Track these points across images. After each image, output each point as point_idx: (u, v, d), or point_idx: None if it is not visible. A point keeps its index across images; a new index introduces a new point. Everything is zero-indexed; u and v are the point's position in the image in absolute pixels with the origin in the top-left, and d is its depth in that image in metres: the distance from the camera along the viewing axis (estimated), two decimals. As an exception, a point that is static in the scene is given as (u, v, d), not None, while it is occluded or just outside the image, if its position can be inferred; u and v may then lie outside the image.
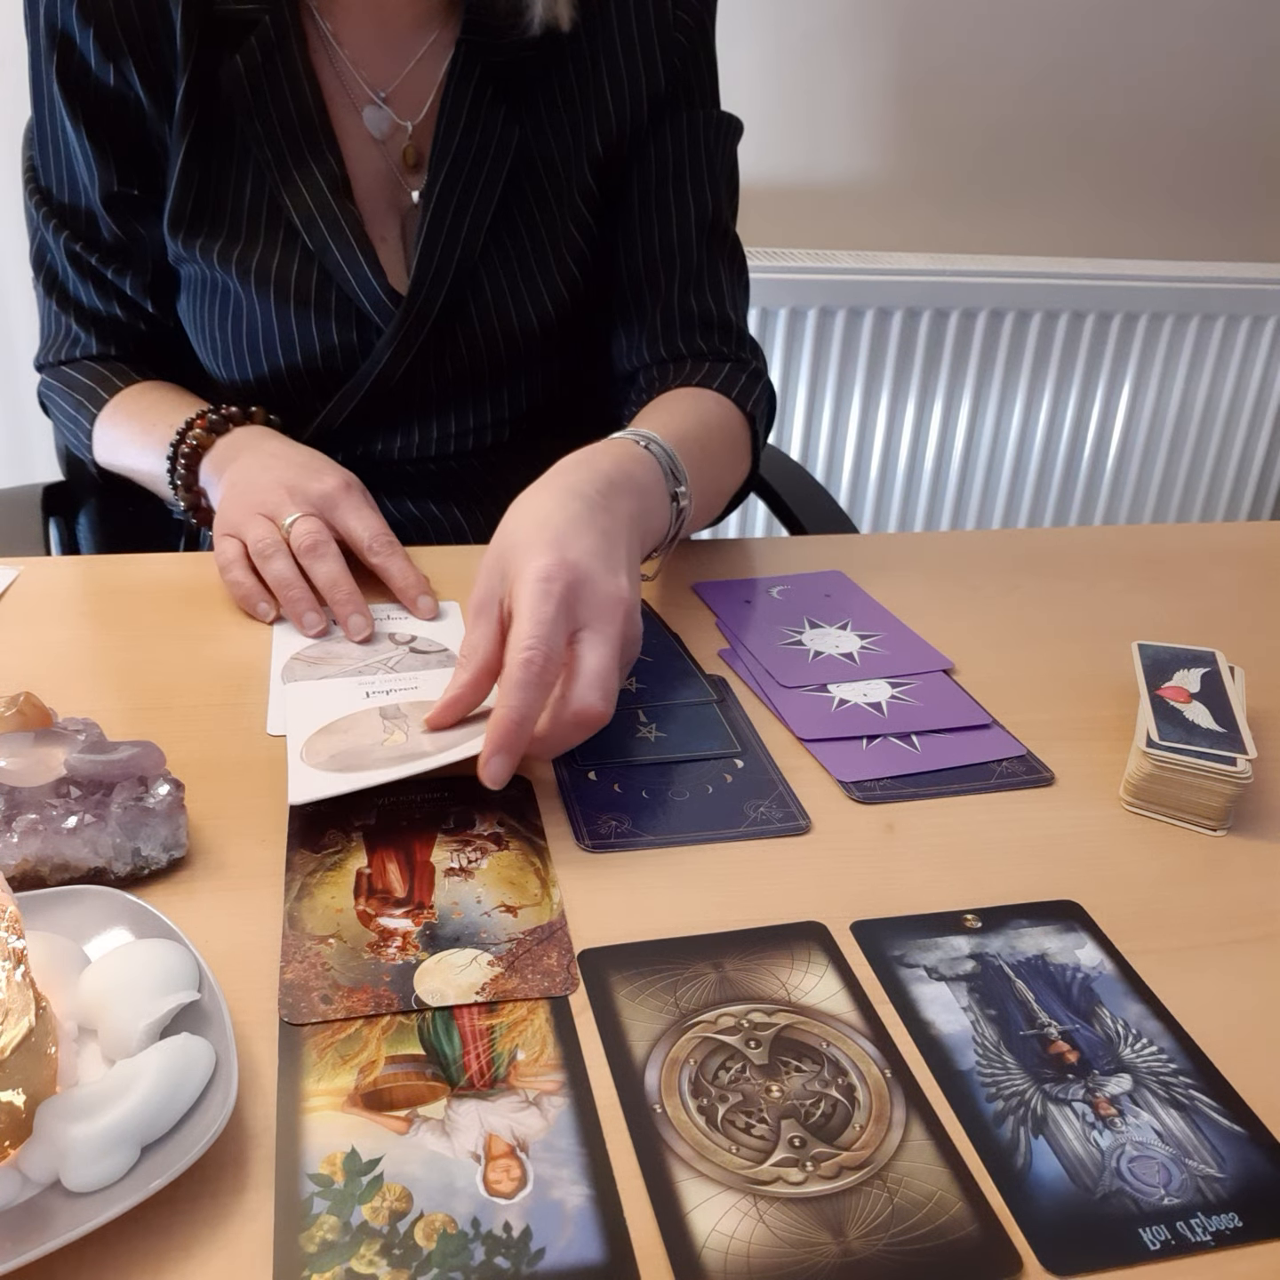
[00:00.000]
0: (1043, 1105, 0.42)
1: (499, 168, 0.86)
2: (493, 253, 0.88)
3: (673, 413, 0.82)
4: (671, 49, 0.88)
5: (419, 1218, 0.37)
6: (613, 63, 0.87)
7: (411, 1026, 0.44)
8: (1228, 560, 0.89)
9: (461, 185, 0.85)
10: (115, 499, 0.98)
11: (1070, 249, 1.89)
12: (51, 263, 0.91)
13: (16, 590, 0.76)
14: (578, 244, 0.91)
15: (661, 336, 0.91)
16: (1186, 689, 0.63)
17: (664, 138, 0.90)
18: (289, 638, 0.71)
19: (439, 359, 0.89)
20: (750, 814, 0.57)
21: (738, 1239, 0.37)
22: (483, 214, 0.86)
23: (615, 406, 0.97)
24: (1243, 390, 1.95)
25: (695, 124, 0.90)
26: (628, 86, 0.88)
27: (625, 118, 0.88)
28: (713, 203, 0.91)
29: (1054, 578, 0.84)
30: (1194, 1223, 0.38)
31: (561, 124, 0.88)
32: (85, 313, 0.92)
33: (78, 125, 0.83)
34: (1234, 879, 0.55)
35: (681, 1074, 0.43)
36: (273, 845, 0.53)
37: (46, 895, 0.47)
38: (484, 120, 0.85)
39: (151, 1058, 0.38)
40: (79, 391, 0.91)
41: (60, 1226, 0.35)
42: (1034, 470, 1.95)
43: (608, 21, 0.87)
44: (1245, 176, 1.89)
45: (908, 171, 1.80)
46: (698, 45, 0.90)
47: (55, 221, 0.89)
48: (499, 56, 0.84)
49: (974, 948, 0.49)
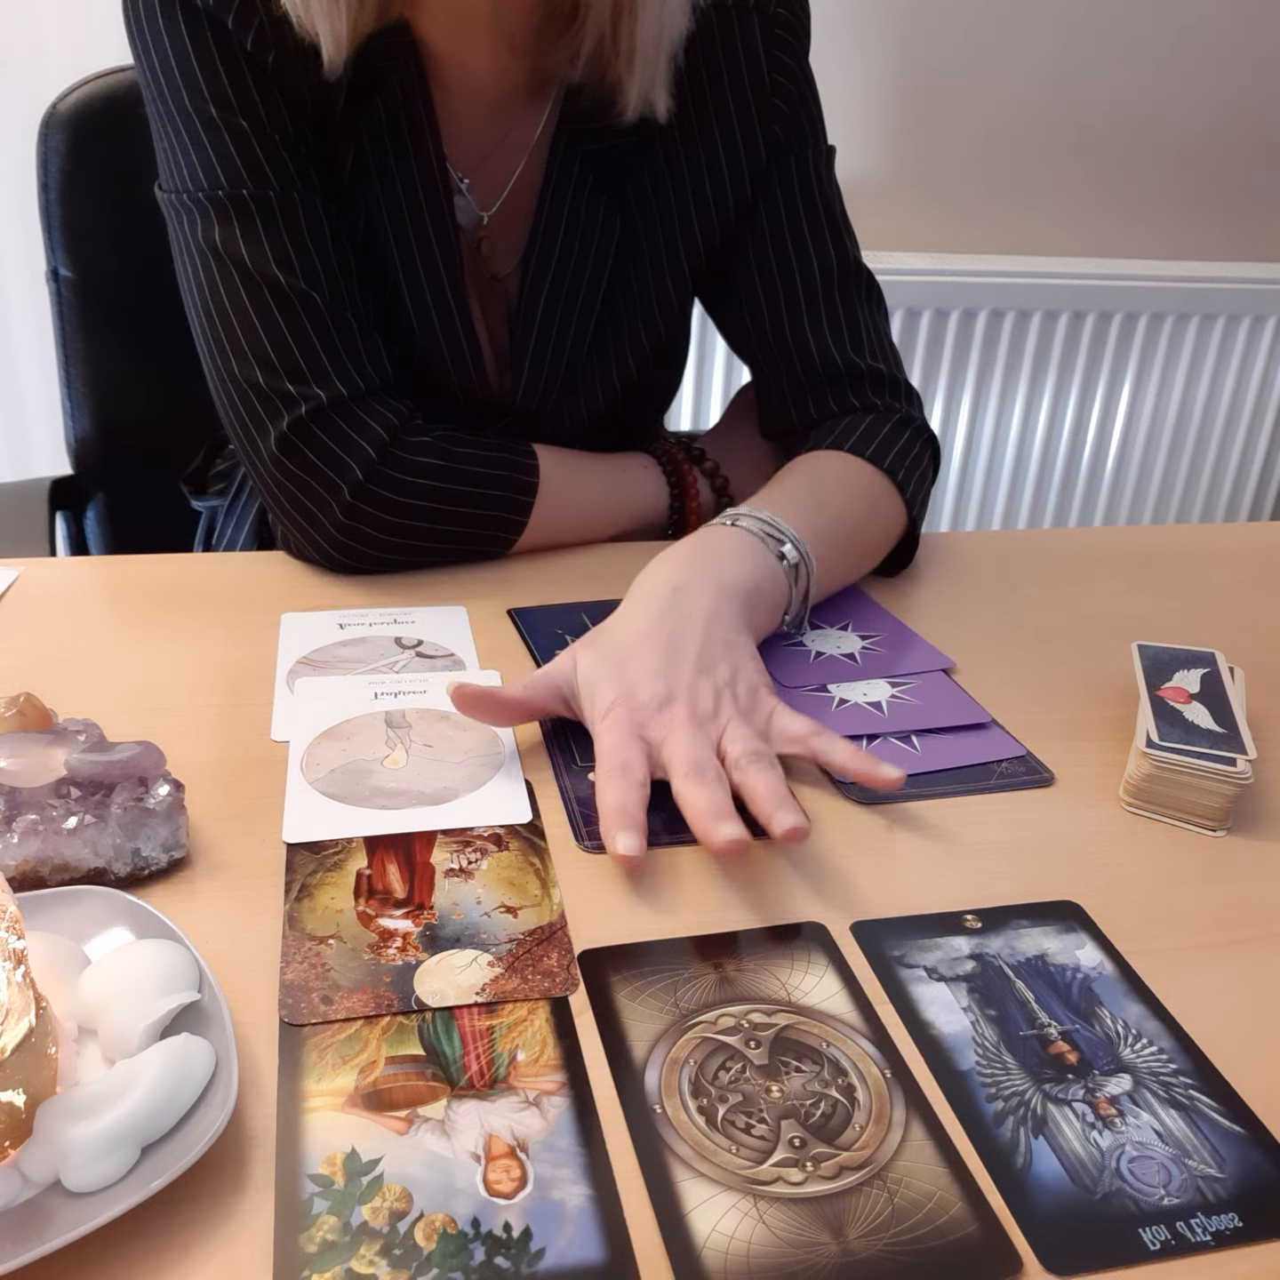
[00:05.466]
0: (1043, 1105, 0.42)
1: (602, 263, 0.83)
2: (594, 350, 0.87)
3: (777, 480, 0.79)
4: (772, 117, 0.83)
5: (419, 1218, 0.37)
6: (710, 143, 0.83)
7: (411, 1027, 0.44)
8: (1228, 560, 0.88)
9: (567, 287, 0.83)
10: (124, 493, 0.98)
11: (1070, 249, 1.89)
12: None
13: (17, 591, 0.76)
14: (658, 330, 0.88)
15: (808, 398, 0.87)
16: (1186, 689, 0.63)
17: (774, 195, 0.85)
18: (294, 640, 0.71)
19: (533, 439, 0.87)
20: (748, 814, 0.57)
21: (738, 1239, 0.37)
22: (588, 318, 0.84)
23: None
24: (1243, 390, 1.95)
25: (805, 168, 0.85)
26: (727, 166, 0.83)
27: (727, 196, 0.84)
28: (834, 245, 0.86)
29: (1054, 578, 0.84)
30: (1194, 1223, 0.38)
31: (660, 210, 0.84)
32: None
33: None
34: (1234, 879, 0.55)
35: (681, 1074, 0.43)
36: (273, 845, 0.53)
37: (47, 895, 0.47)
38: (585, 215, 0.82)
39: (151, 1058, 0.38)
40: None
41: (60, 1226, 0.35)
42: (1034, 470, 1.95)
43: (703, 99, 0.82)
44: (1246, 176, 1.89)
45: (908, 171, 1.80)
46: (796, 103, 0.84)
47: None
48: (597, 145, 0.80)
49: (974, 948, 0.49)
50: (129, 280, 1.05)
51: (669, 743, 0.57)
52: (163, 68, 0.74)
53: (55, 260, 1.04)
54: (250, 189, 0.74)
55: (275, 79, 0.74)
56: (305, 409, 0.74)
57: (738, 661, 0.62)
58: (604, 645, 0.62)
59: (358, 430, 0.75)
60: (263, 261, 0.74)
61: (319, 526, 0.76)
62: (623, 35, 0.74)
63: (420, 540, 0.78)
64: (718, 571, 0.66)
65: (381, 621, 0.73)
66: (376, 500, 0.75)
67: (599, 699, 0.59)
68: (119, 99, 1.01)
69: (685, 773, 0.55)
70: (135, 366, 1.09)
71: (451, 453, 0.78)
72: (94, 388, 1.08)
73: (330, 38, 0.70)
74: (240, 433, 0.77)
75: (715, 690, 0.60)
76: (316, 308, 0.75)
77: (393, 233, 0.79)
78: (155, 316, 0.96)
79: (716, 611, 0.64)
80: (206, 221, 0.75)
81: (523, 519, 0.80)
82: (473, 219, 0.83)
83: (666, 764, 0.56)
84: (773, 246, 0.86)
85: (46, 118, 1.00)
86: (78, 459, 1.08)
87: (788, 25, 0.82)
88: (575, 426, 0.88)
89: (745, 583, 0.67)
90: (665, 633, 0.62)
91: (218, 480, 1.02)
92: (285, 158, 0.74)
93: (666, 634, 0.62)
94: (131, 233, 1.01)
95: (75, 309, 1.06)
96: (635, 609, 0.64)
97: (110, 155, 1.01)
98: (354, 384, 0.75)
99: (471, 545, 0.80)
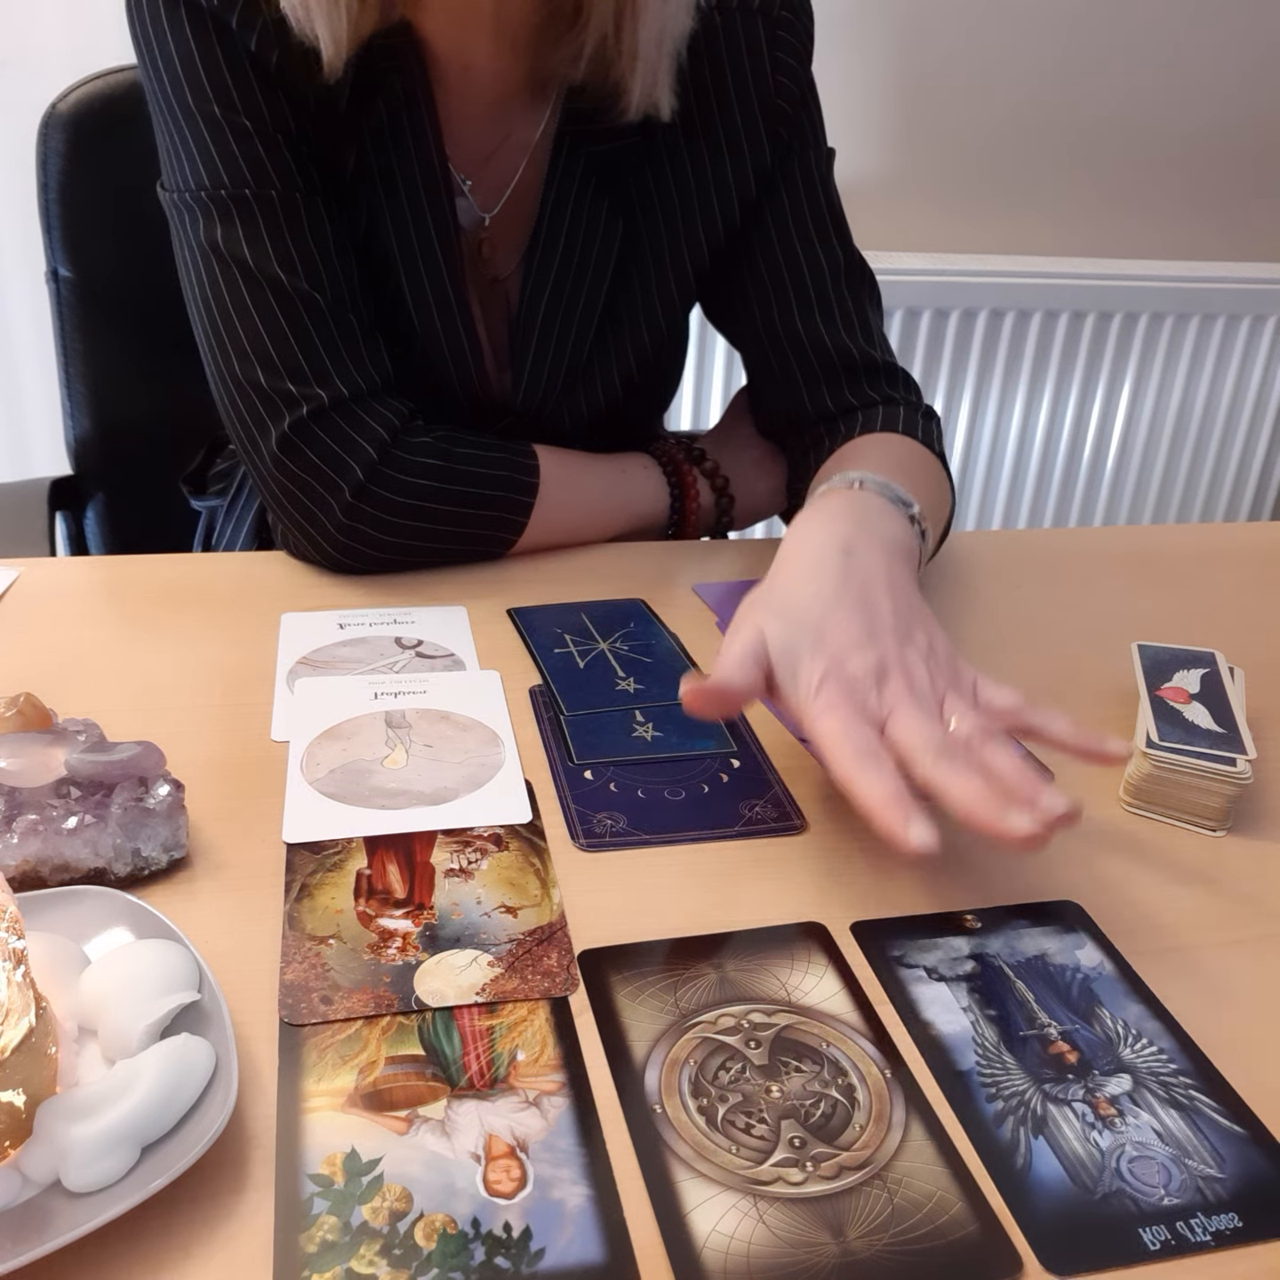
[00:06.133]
0: (1043, 1105, 0.42)
1: (604, 264, 0.83)
2: (594, 351, 0.86)
3: (868, 457, 0.78)
4: (776, 119, 0.83)
5: (419, 1218, 0.37)
6: (714, 144, 0.83)
7: (411, 1027, 0.44)
8: (1228, 560, 0.88)
9: (568, 289, 0.83)
10: (124, 493, 0.98)
11: (1070, 249, 1.88)
12: None
13: (17, 591, 0.76)
14: (660, 330, 0.88)
15: (824, 391, 0.87)
16: (1186, 689, 0.63)
17: (779, 194, 0.85)
18: (295, 640, 0.71)
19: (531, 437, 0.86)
20: (745, 813, 0.57)
21: (738, 1239, 0.37)
22: (589, 319, 0.84)
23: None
24: (1243, 390, 1.95)
25: (808, 168, 0.86)
26: (731, 167, 0.83)
27: (731, 197, 0.84)
28: (839, 242, 0.87)
29: (1054, 578, 0.84)
30: (1194, 1223, 0.38)
31: (664, 211, 0.84)
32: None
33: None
34: (1234, 879, 0.55)
35: (681, 1074, 0.43)
36: (273, 845, 0.53)
37: (47, 895, 0.47)
38: (587, 217, 0.81)
39: (151, 1058, 0.38)
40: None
41: (60, 1226, 0.35)
42: (1034, 470, 1.95)
43: (706, 101, 0.81)
44: (1245, 176, 1.89)
45: (908, 171, 1.80)
46: (799, 104, 0.84)
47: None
48: (600, 146, 0.80)
49: (974, 948, 0.49)
50: (129, 280, 1.05)
51: (898, 723, 0.52)
52: (166, 66, 0.74)
53: (55, 260, 1.04)
54: (252, 188, 0.74)
55: (278, 78, 0.74)
56: (306, 409, 0.74)
57: (929, 629, 0.58)
58: (790, 613, 0.57)
59: (358, 430, 0.75)
60: (264, 261, 0.74)
61: (319, 526, 0.76)
62: (625, 34, 0.73)
63: (420, 540, 0.78)
64: (878, 531, 0.63)
65: (381, 621, 0.73)
66: (377, 500, 0.75)
67: (802, 672, 0.54)
68: (119, 99, 1.01)
69: (934, 759, 0.50)
70: (135, 366, 1.09)
71: (452, 453, 0.78)
72: (94, 388, 1.08)
73: (330, 40, 0.70)
74: (241, 432, 0.77)
75: (922, 661, 0.56)
76: (318, 308, 0.75)
77: (394, 233, 0.79)
78: (155, 316, 0.96)
79: (893, 573, 0.60)
80: (209, 221, 0.75)
81: (523, 519, 0.80)
82: (474, 220, 0.83)
83: (900, 746, 0.51)
84: (780, 244, 0.86)
85: (46, 118, 1.00)
86: (77, 459, 1.08)
87: (791, 27, 0.82)
88: (576, 427, 0.88)
89: (905, 542, 0.65)
90: (854, 597, 0.58)
91: (217, 480, 1.02)
92: (288, 157, 0.74)
93: (855, 598, 0.58)
94: (131, 233, 1.01)
95: (75, 309, 1.06)
96: (808, 571, 0.60)
97: (110, 155, 1.01)
98: (355, 384, 0.75)
99: (472, 545, 0.80)
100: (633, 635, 0.73)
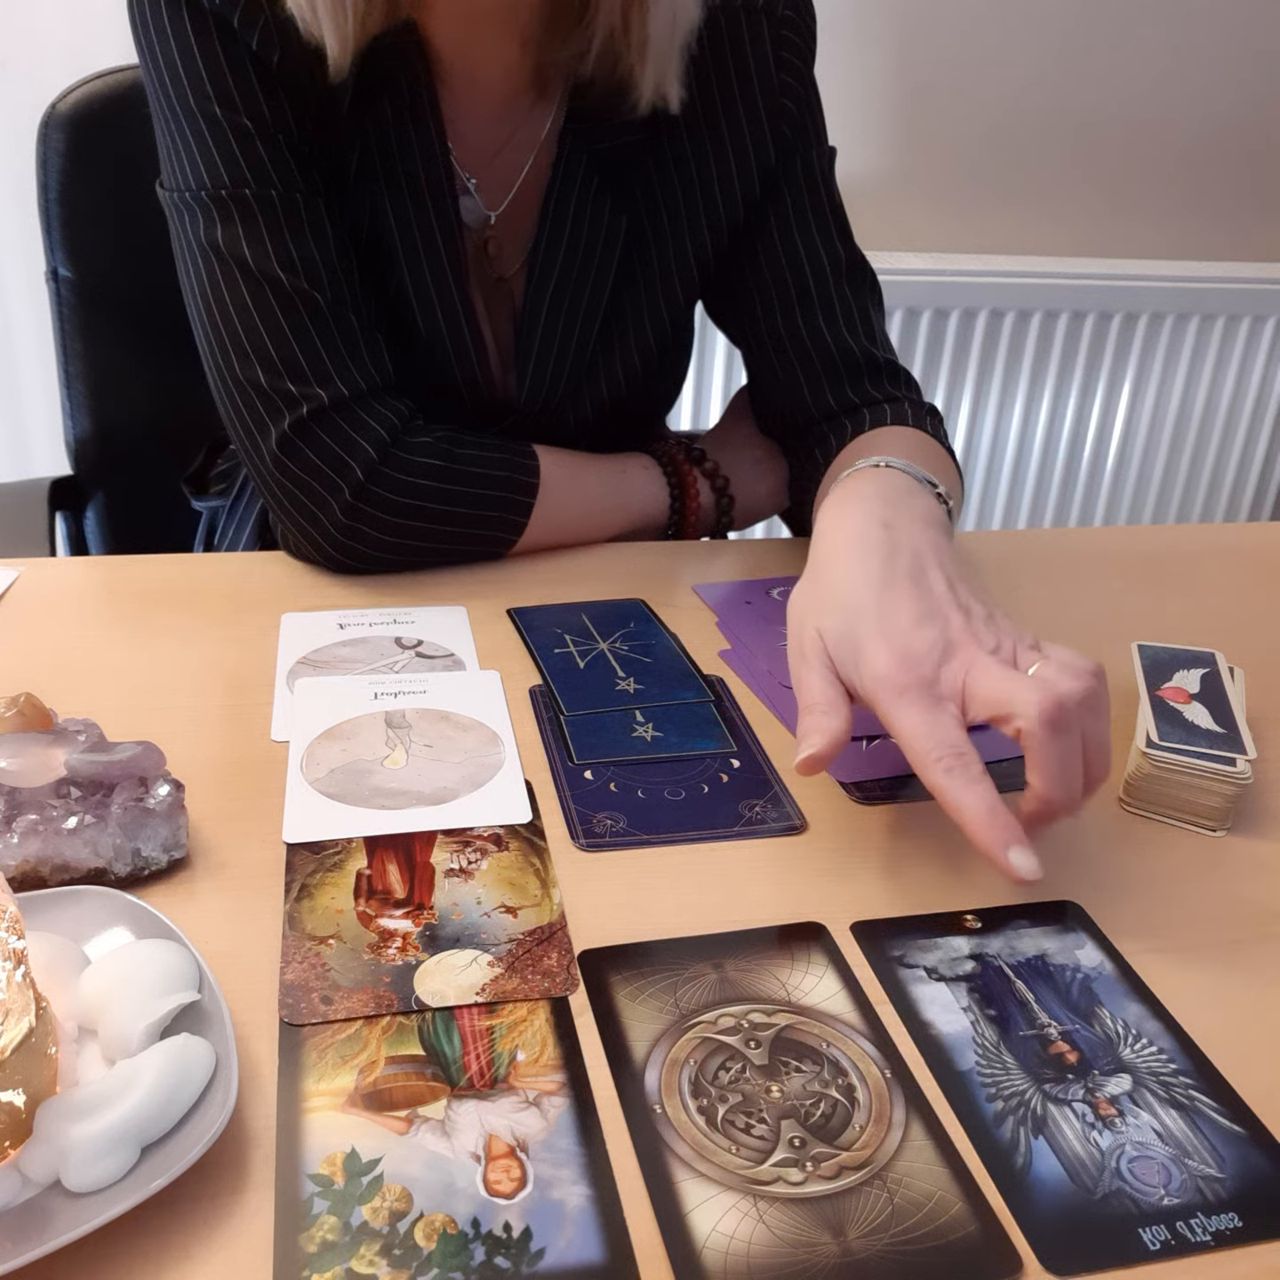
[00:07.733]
0: (1043, 1105, 0.42)
1: (608, 263, 0.83)
2: (599, 350, 0.86)
3: (888, 446, 0.78)
4: (780, 118, 0.83)
5: (419, 1218, 0.37)
6: (719, 143, 0.83)
7: (411, 1027, 0.44)
8: (1228, 560, 0.88)
9: (573, 288, 0.83)
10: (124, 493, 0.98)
11: (1070, 249, 1.88)
12: None
13: (17, 591, 0.76)
14: (664, 329, 0.88)
15: (826, 389, 0.87)
16: (1186, 690, 0.63)
17: (782, 193, 0.85)
18: (294, 640, 0.71)
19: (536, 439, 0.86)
20: (745, 814, 0.57)
21: (738, 1239, 0.37)
22: (593, 318, 0.84)
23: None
24: (1243, 390, 1.95)
25: (810, 167, 0.86)
26: (735, 166, 0.83)
27: (735, 196, 0.84)
28: (841, 240, 0.87)
29: (1054, 578, 0.84)
30: (1194, 1223, 0.38)
31: (668, 209, 0.84)
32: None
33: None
34: (1234, 879, 0.55)
35: (681, 1074, 0.43)
36: (273, 845, 0.53)
37: (47, 895, 0.47)
38: (590, 215, 0.81)
39: (151, 1058, 0.38)
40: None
41: (60, 1226, 0.35)
42: (1034, 470, 1.95)
43: (710, 99, 0.81)
44: (1245, 176, 1.89)
45: (908, 171, 1.80)
46: (802, 103, 0.84)
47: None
48: (604, 143, 0.80)
49: (974, 948, 0.49)
50: (129, 280, 1.05)
51: (977, 680, 0.51)
52: (167, 65, 0.74)
53: (55, 260, 1.04)
54: (253, 188, 0.74)
55: (280, 78, 0.74)
56: (307, 409, 0.74)
57: (983, 598, 0.58)
58: (840, 604, 0.56)
59: (359, 430, 0.75)
60: (265, 261, 0.74)
61: (319, 526, 0.76)
62: (634, 26, 0.73)
63: (421, 540, 0.78)
64: (913, 506, 0.63)
65: (381, 621, 0.73)
66: (377, 500, 0.75)
67: (865, 664, 0.54)
68: (119, 99, 1.01)
69: (1048, 720, 0.49)
70: (135, 366, 1.09)
71: (452, 453, 0.78)
72: (94, 388, 1.08)
73: (336, 40, 0.70)
74: (241, 432, 0.77)
75: (985, 626, 0.55)
76: (318, 307, 0.75)
77: (398, 233, 0.79)
78: (155, 316, 0.96)
79: (938, 545, 0.60)
80: (209, 220, 0.75)
81: (523, 519, 0.80)
82: (480, 219, 0.83)
83: (985, 700, 0.51)
84: (783, 242, 0.86)
85: (46, 118, 1.00)
86: (77, 459, 1.08)
87: (794, 27, 0.82)
88: (579, 425, 0.88)
89: (940, 516, 0.64)
90: (903, 575, 0.57)
91: (219, 481, 1.02)
92: (288, 157, 0.74)
93: (905, 576, 0.57)
94: (131, 232, 1.01)
95: (75, 309, 1.06)
96: (850, 554, 0.59)
97: (110, 155, 1.01)
98: (355, 384, 0.75)
99: (472, 545, 0.80)
100: (633, 635, 0.73)
